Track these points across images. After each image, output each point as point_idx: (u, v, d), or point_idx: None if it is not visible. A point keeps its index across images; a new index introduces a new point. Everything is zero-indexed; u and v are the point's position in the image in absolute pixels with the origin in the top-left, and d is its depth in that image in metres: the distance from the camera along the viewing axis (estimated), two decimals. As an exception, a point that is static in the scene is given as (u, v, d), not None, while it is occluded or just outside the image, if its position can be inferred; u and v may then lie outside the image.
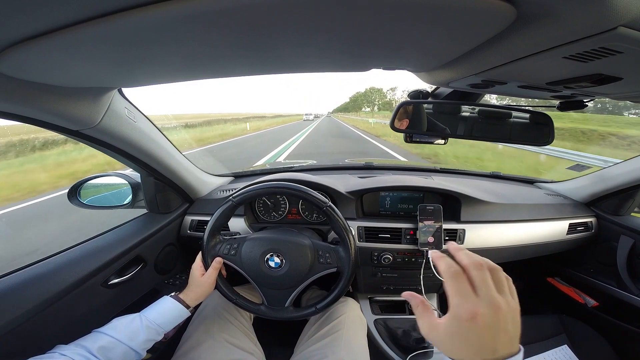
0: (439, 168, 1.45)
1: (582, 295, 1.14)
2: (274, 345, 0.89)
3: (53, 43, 0.31)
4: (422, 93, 0.73)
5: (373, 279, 1.11)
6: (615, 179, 1.03)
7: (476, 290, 0.31)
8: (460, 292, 0.31)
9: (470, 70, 0.47)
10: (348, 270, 0.75)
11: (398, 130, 0.73)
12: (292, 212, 1.10)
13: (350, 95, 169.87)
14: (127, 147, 0.75)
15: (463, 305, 0.31)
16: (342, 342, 0.76)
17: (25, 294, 0.61)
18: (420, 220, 0.97)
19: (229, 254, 0.78)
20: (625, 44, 0.30)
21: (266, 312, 0.80)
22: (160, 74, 0.49)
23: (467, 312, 0.30)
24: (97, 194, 0.98)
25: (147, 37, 0.32)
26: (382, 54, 0.43)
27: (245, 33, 0.32)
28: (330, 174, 1.29)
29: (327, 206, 0.75)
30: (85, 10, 0.27)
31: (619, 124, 14.96)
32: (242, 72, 0.52)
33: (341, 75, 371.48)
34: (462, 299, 0.31)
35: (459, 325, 0.31)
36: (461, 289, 0.32)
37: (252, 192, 0.77)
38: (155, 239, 0.95)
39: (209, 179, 1.20)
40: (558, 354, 1.01)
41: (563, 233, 1.06)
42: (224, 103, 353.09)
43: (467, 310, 0.30)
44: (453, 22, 0.30)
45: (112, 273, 0.79)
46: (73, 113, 0.56)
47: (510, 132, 0.74)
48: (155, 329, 0.64)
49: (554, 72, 0.44)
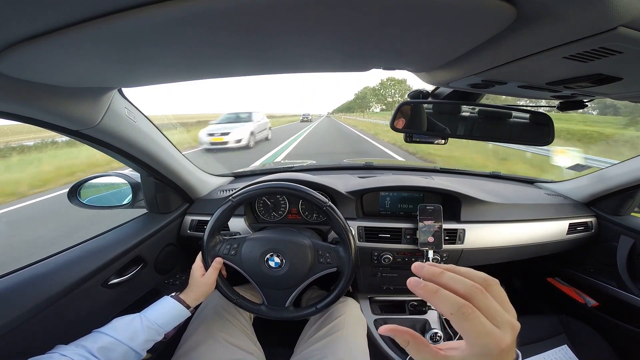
0: (439, 168, 1.45)
1: (582, 295, 1.14)
2: (274, 345, 0.89)
3: (53, 43, 0.31)
4: (422, 93, 0.73)
5: (373, 279, 1.11)
6: (615, 179, 1.03)
7: (493, 321, 0.28)
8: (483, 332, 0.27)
9: (470, 70, 0.47)
10: (348, 270, 0.75)
11: (398, 130, 0.73)
12: (292, 212, 1.10)
13: (356, 92, 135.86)
14: (127, 147, 0.75)
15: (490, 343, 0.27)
16: (342, 342, 0.76)
17: (25, 294, 0.61)
18: (420, 220, 0.97)
19: (229, 254, 0.78)
20: (625, 44, 0.30)
21: (266, 312, 0.80)
22: (161, 74, 0.49)
23: (496, 348, 0.27)
24: (97, 194, 0.98)
25: (148, 37, 0.32)
26: (382, 54, 0.43)
27: (245, 33, 0.32)
28: (330, 174, 1.29)
29: (327, 206, 0.75)
30: (85, 10, 0.27)
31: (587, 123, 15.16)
32: (242, 72, 0.52)
33: (341, 75, 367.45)
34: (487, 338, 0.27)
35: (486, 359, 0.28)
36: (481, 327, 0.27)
37: (252, 192, 0.77)
38: (155, 239, 0.95)
39: (209, 179, 1.20)
40: (558, 354, 1.01)
41: (563, 233, 1.06)
42: (218, 103, 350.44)
43: (496, 346, 0.27)
44: (453, 22, 0.30)
45: (112, 273, 0.79)
46: (73, 113, 0.56)
47: (510, 132, 0.74)
48: (155, 329, 0.64)
49: (554, 72, 0.44)
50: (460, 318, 0.27)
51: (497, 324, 0.27)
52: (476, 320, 0.27)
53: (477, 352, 0.28)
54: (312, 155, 8.00)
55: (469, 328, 0.27)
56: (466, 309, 0.27)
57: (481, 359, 0.28)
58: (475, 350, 0.28)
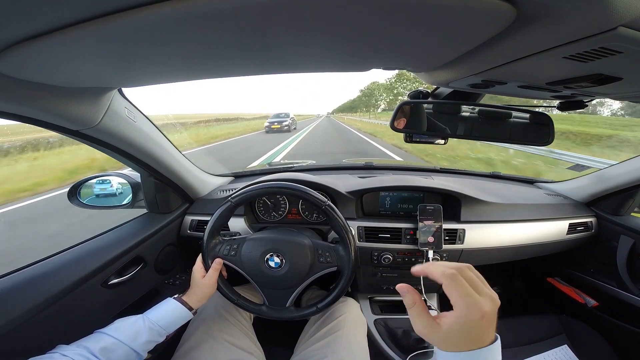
0: (439, 168, 1.45)
1: (582, 295, 1.14)
2: (274, 345, 0.89)
3: (53, 43, 0.31)
4: (422, 93, 0.73)
5: (373, 279, 1.11)
6: (615, 179, 1.03)
7: (475, 289, 0.33)
8: (466, 293, 0.33)
9: (470, 70, 0.47)
10: (348, 270, 0.75)
11: (398, 130, 0.73)
12: (292, 212, 1.10)
13: (362, 88, 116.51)
14: (127, 147, 0.75)
15: (472, 305, 0.32)
16: (342, 342, 0.76)
17: (26, 294, 0.61)
18: (420, 220, 0.97)
19: (229, 255, 0.78)
20: (625, 44, 0.30)
21: (267, 312, 0.80)
22: (161, 74, 0.49)
23: (477, 312, 0.32)
24: (96, 194, 0.98)
25: (147, 37, 0.32)
26: (382, 54, 0.43)
27: (245, 33, 0.32)
28: (330, 174, 1.29)
29: (327, 205, 0.75)
30: (85, 10, 0.27)
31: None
32: (242, 72, 0.52)
33: (341, 75, 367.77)
34: (469, 299, 0.32)
35: (467, 325, 0.32)
36: (465, 289, 0.33)
37: (252, 192, 0.77)
38: (155, 239, 0.95)
39: (209, 179, 1.20)
40: (558, 354, 1.00)
41: (563, 233, 1.06)
42: (218, 103, 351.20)
43: (476, 310, 0.32)
44: (453, 22, 0.30)
45: (112, 273, 0.79)
46: (73, 113, 0.56)
47: (510, 132, 0.74)
48: (157, 330, 0.64)
49: (554, 72, 0.44)
50: (449, 278, 0.34)
51: (479, 292, 0.33)
52: (461, 283, 0.33)
53: (461, 314, 0.32)
54: (312, 155, 8.00)
55: (456, 288, 0.33)
56: (453, 273, 0.34)
57: (465, 321, 0.32)
58: (462, 312, 0.32)
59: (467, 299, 0.33)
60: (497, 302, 0.33)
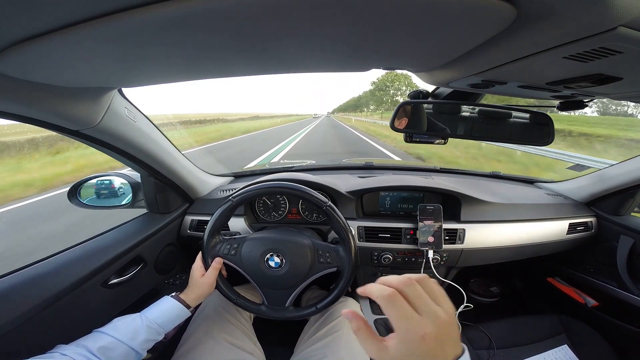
0: (439, 168, 1.45)
1: (582, 295, 1.14)
2: (274, 345, 0.89)
3: (53, 43, 0.31)
4: (422, 93, 0.73)
5: (373, 278, 1.10)
6: (615, 178, 1.03)
7: (417, 309, 0.31)
8: (403, 315, 0.31)
9: (470, 70, 0.47)
10: (348, 270, 0.76)
11: (398, 130, 0.73)
12: (292, 212, 1.10)
13: (373, 80, 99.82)
14: (127, 147, 0.75)
15: (410, 328, 0.30)
16: (342, 342, 0.76)
17: (25, 294, 0.61)
18: (420, 220, 0.97)
19: (229, 254, 0.78)
20: (625, 44, 0.30)
21: (267, 312, 0.80)
22: (161, 74, 0.49)
23: (415, 335, 0.30)
24: (97, 194, 0.98)
25: (148, 37, 0.32)
26: (382, 54, 0.43)
27: (245, 33, 0.32)
28: (330, 174, 1.29)
29: (327, 206, 0.75)
30: (85, 10, 0.27)
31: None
32: (243, 72, 0.52)
33: (341, 75, 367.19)
34: (407, 322, 0.31)
35: (409, 347, 0.30)
36: (402, 311, 0.31)
37: (252, 192, 0.77)
38: (155, 238, 0.95)
39: (209, 179, 1.20)
40: (558, 354, 1.00)
41: (563, 233, 1.06)
42: (217, 103, 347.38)
43: (415, 332, 0.30)
44: (453, 22, 0.30)
45: (112, 273, 0.79)
46: (73, 113, 0.56)
47: (510, 132, 0.74)
48: (155, 328, 0.64)
49: (554, 72, 0.44)
50: (385, 300, 0.32)
51: (420, 311, 0.31)
52: (398, 304, 0.31)
53: (401, 337, 0.31)
54: (312, 155, 7.98)
55: (392, 311, 0.31)
56: (390, 293, 0.32)
57: (407, 344, 0.30)
58: (400, 335, 0.31)
59: (403, 322, 0.31)
60: (442, 318, 0.31)
